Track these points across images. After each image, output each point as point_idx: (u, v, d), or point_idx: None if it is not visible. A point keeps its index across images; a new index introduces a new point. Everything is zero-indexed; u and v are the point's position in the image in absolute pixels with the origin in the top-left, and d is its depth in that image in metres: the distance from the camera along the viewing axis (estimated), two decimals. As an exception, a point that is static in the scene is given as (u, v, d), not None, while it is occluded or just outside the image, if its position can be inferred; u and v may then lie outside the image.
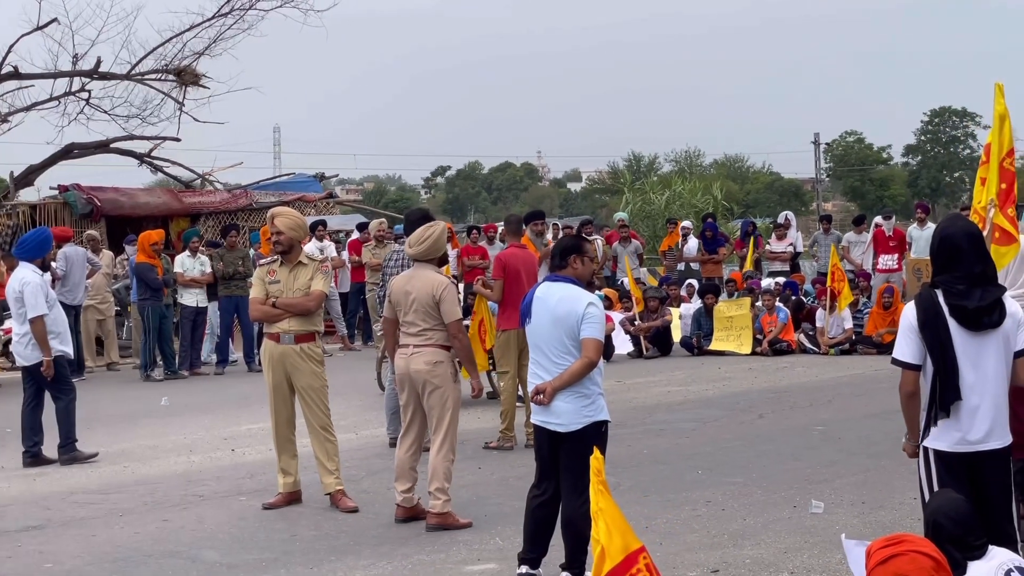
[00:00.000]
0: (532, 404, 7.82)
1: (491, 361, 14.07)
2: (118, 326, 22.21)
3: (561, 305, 7.62)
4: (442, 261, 9.76)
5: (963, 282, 6.24)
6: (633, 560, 5.14)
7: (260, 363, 11.39)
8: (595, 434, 7.60)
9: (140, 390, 18.45)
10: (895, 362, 6.44)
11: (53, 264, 18.01)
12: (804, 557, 8.16)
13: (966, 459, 6.27)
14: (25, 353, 12.56)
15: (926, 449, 6.38)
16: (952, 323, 6.22)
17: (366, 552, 8.78)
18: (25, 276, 12.50)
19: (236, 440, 13.61)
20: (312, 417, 10.15)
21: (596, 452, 5.38)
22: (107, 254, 22.03)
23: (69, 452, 12.54)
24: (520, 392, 12.78)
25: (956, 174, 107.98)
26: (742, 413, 14.31)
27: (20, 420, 12.65)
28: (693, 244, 26.24)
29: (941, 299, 6.27)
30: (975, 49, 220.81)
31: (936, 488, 6.25)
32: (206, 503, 10.58)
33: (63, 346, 12.68)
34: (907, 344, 6.37)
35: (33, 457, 12.59)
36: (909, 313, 6.38)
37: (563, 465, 7.63)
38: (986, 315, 6.20)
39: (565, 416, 7.60)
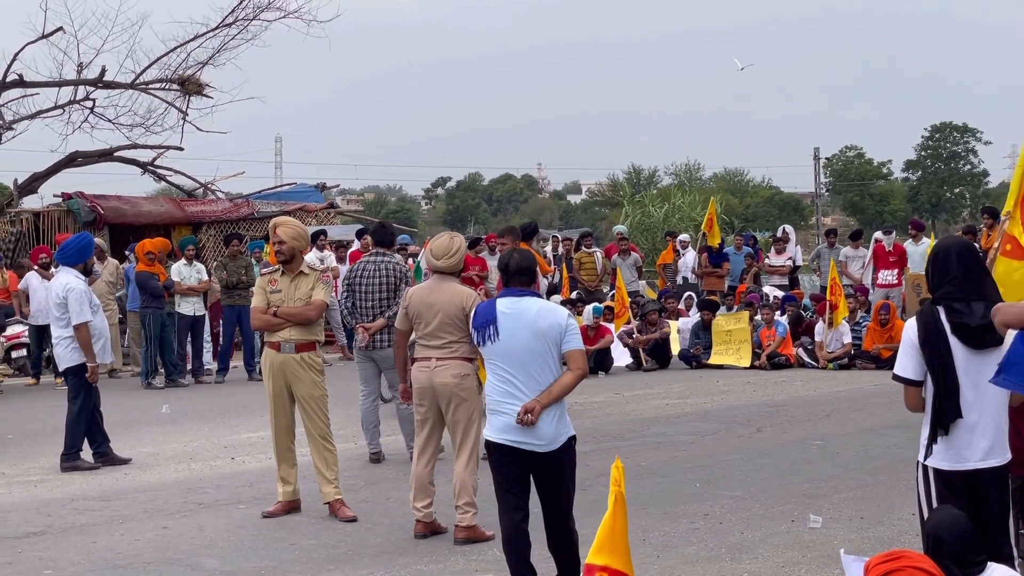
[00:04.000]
0: (501, 423, 7.46)
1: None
2: (120, 333, 22.21)
3: (542, 318, 7.44)
4: (459, 274, 9.71)
5: (959, 295, 6.26)
6: (590, 571, 5.19)
7: (260, 372, 11.40)
8: (571, 449, 7.50)
9: (141, 398, 18.45)
10: (896, 378, 6.45)
11: (96, 267, 18.09)
12: (802, 571, 8.18)
13: (965, 477, 6.27)
14: (64, 355, 12.65)
15: (925, 467, 6.39)
16: (953, 340, 6.22)
17: (364, 561, 8.80)
18: (69, 282, 12.57)
19: (236, 448, 13.64)
20: (312, 426, 10.17)
21: (617, 461, 5.41)
22: (112, 262, 22.03)
23: (72, 460, 12.56)
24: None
25: (956, 190, 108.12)
26: (740, 427, 14.33)
27: (73, 426, 12.68)
28: (689, 257, 26.27)
29: (943, 316, 6.30)
30: (977, 66, 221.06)
31: (935, 505, 6.27)
32: (206, 511, 10.60)
33: (102, 352, 12.76)
34: (908, 360, 6.38)
35: (103, 456, 12.79)
36: (910, 330, 6.38)
37: (550, 484, 7.45)
38: (988, 333, 6.20)
39: (549, 435, 7.38)
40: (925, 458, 6.36)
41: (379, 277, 12.04)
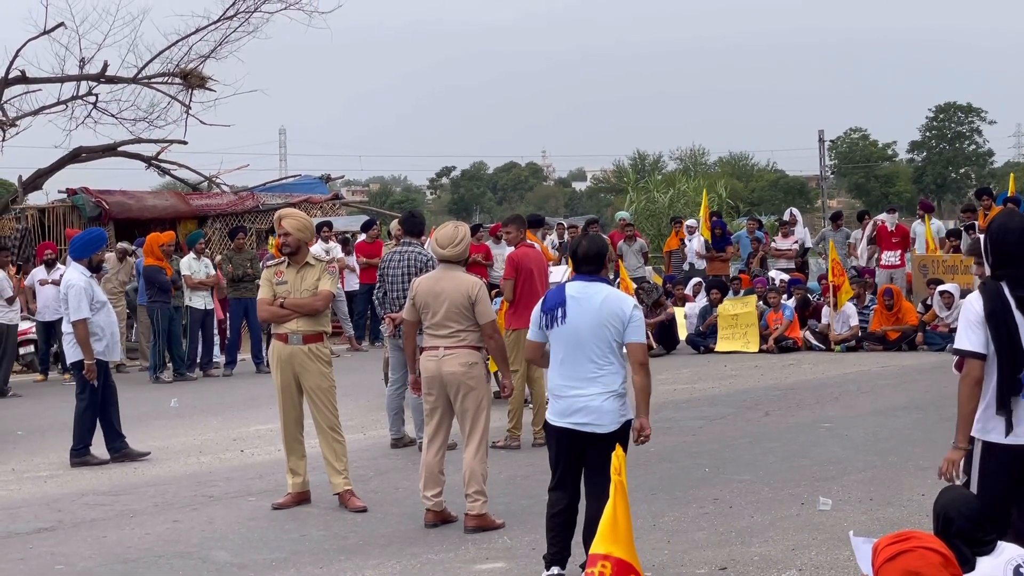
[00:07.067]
0: (564, 406, 7.63)
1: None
2: (127, 328, 22.21)
3: (607, 305, 7.55)
4: (466, 262, 9.73)
5: (1019, 273, 6.26)
6: (593, 561, 5.21)
7: (268, 364, 11.41)
8: (626, 432, 7.65)
9: (149, 392, 18.49)
10: (959, 352, 6.40)
11: (104, 264, 18.07)
12: (812, 554, 8.18)
13: (1019, 451, 6.31)
14: (71, 349, 12.65)
15: (986, 443, 6.37)
16: (1018, 315, 6.25)
17: (375, 552, 8.82)
18: (71, 278, 12.57)
19: (245, 441, 13.66)
20: (320, 417, 10.18)
21: (618, 449, 5.44)
22: (130, 262, 21.99)
23: (81, 455, 12.57)
24: (528, 392, 12.85)
25: (962, 170, 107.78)
26: (748, 411, 14.33)
27: (80, 421, 12.68)
28: (696, 242, 26.23)
29: (1007, 291, 6.30)
30: (982, 45, 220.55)
31: (986, 480, 6.28)
32: (216, 504, 10.62)
33: (107, 350, 12.73)
34: (973, 333, 6.32)
35: (119, 452, 12.75)
36: (975, 303, 6.35)
37: (599, 465, 7.46)
38: None
39: (608, 416, 7.55)
40: (979, 432, 6.35)
41: (404, 267, 12.06)
